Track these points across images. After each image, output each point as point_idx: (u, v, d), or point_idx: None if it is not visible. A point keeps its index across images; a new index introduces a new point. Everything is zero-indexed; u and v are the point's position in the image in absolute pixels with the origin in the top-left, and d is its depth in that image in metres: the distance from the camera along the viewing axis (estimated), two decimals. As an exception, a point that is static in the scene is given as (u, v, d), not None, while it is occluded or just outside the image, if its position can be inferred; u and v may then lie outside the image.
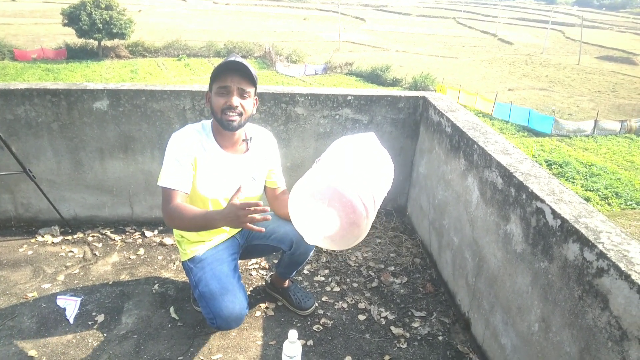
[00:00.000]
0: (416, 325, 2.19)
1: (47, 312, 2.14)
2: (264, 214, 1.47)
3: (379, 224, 3.03)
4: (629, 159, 19.12)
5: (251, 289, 2.39)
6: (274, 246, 2.05)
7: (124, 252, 2.64)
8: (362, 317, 2.22)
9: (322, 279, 2.50)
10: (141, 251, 2.66)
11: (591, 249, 1.32)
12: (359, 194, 1.47)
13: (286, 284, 2.26)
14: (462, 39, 53.68)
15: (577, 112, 26.07)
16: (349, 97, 2.79)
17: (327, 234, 1.55)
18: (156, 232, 2.86)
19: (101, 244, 2.71)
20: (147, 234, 2.83)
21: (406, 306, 2.32)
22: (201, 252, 1.90)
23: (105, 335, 2.02)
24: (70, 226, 2.81)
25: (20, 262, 2.50)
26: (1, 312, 2.13)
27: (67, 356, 1.90)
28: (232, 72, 1.70)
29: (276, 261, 2.30)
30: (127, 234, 2.83)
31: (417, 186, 2.92)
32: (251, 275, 2.50)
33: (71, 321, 2.09)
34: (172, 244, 2.74)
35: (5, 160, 2.54)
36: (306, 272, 2.55)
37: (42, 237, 2.73)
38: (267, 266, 2.58)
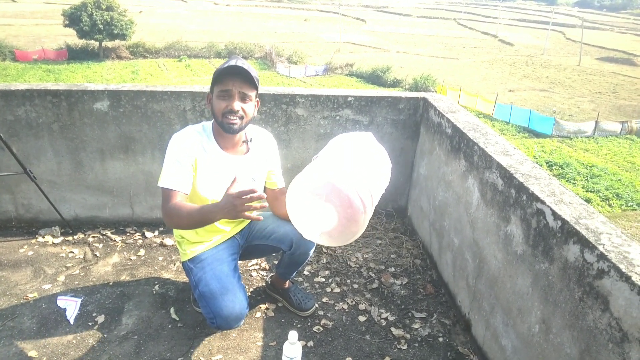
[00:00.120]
0: (417, 326, 2.19)
1: (47, 312, 2.14)
2: (261, 202, 1.47)
3: (379, 225, 3.03)
4: (629, 160, 19.08)
5: (251, 289, 2.39)
6: (274, 246, 2.05)
7: (125, 253, 2.64)
8: (362, 318, 2.22)
9: (323, 280, 2.50)
10: (142, 252, 2.66)
11: (592, 250, 1.32)
12: (355, 188, 1.47)
13: (286, 284, 2.26)
14: (462, 40, 53.64)
15: (578, 113, 26.05)
16: (350, 98, 2.79)
17: (325, 229, 1.56)
18: (157, 232, 2.86)
19: (102, 245, 2.71)
20: (148, 234, 2.83)
21: (406, 307, 2.32)
22: (201, 252, 1.90)
23: (105, 335, 2.02)
24: (70, 227, 2.81)
25: (20, 262, 2.50)
26: (2, 312, 2.13)
27: (68, 357, 1.90)
28: (233, 76, 1.70)
29: (276, 262, 2.30)
30: (128, 234, 2.83)
31: (418, 187, 2.92)
32: (251, 276, 2.50)
33: (71, 322, 2.09)
34: (172, 245, 2.74)
35: (5, 160, 2.54)
36: (306, 273, 2.55)
37: (43, 237, 2.73)
38: (267, 267, 2.58)
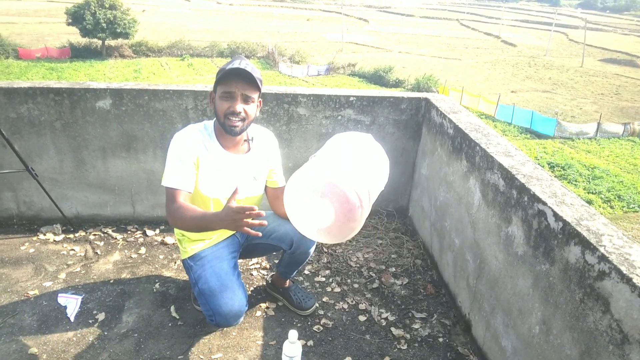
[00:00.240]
0: (417, 326, 2.19)
1: (48, 310, 2.14)
2: (260, 219, 1.47)
3: (380, 225, 3.03)
4: (631, 161, 19.04)
5: (252, 288, 2.39)
6: (274, 245, 2.06)
7: (126, 251, 2.65)
8: (362, 318, 2.22)
9: (323, 279, 2.50)
10: (142, 250, 2.67)
11: (593, 252, 1.32)
12: (352, 184, 1.47)
13: (287, 284, 2.26)
14: (465, 41, 53.59)
15: (580, 115, 26.01)
16: (352, 98, 2.79)
17: (323, 226, 1.56)
18: (157, 231, 2.86)
19: (103, 243, 2.72)
20: (149, 233, 2.83)
21: (407, 307, 2.32)
22: (201, 249, 1.91)
23: (105, 333, 2.03)
24: (72, 224, 2.82)
25: (21, 260, 2.51)
26: (2, 309, 2.13)
27: (68, 354, 1.91)
28: (236, 78, 1.70)
29: (277, 261, 2.30)
30: (129, 232, 2.83)
31: (419, 187, 2.91)
32: (252, 275, 2.50)
33: (72, 319, 2.09)
34: (173, 243, 2.74)
35: (8, 158, 2.55)
36: (307, 272, 2.55)
37: (44, 235, 2.74)
38: (267, 266, 2.59)
